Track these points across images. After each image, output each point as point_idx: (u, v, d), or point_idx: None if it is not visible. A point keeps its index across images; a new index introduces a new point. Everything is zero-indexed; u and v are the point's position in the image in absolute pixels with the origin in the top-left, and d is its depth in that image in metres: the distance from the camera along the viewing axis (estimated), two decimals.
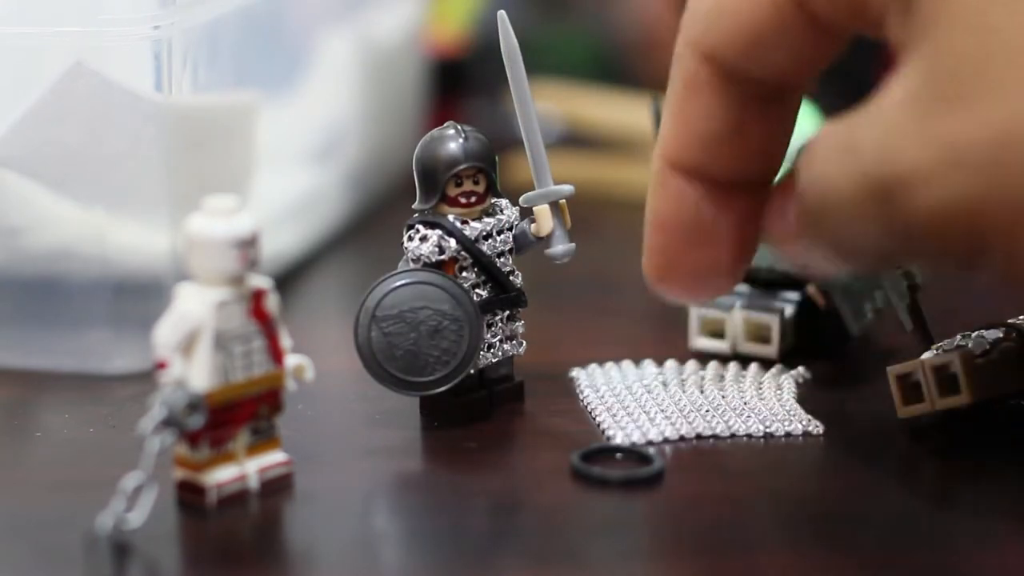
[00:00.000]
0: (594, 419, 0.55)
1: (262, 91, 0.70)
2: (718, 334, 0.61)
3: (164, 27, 0.59)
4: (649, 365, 0.59)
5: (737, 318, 0.60)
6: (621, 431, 0.53)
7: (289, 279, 0.71)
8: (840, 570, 0.46)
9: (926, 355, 0.53)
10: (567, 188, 0.55)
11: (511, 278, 0.56)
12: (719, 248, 0.50)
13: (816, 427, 0.54)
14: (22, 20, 0.59)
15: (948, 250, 0.44)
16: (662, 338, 0.58)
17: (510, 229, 0.56)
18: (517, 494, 0.51)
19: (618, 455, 0.52)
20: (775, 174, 0.51)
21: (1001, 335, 0.53)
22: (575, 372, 0.58)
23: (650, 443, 0.53)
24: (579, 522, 0.49)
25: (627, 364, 0.59)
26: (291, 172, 0.76)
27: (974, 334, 0.54)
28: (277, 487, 0.50)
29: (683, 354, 0.60)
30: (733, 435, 0.54)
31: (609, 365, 0.59)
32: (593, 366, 0.59)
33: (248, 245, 0.48)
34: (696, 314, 0.61)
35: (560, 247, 0.55)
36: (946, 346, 0.53)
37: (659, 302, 0.68)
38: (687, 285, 0.51)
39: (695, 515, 0.50)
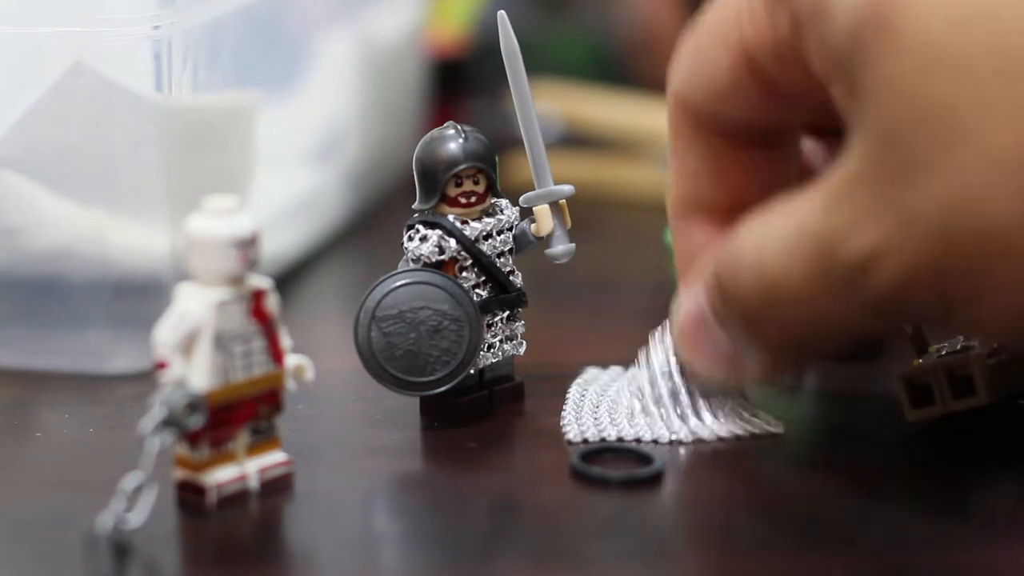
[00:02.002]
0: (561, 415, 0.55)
1: (262, 91, 0.70)
2: None
3: (164, 27, 0.59)
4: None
5: None
6: (574, 427, 0.54)
7: (289, 279, 0.71)
8: (841, 570, 0.46)
9: (925, 357, 0.53)
10: (567, 188, 0.55)
11: (511, 278, 0.56)
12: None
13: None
14: (22, 20, 0.59)
15: (915, 317, 0.46)
16: None
17: (510, 229, 0.56)
18: (517, 494, 0.51)
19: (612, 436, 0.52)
20: None
21: None
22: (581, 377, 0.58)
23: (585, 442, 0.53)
24: (579, 522, 0.49)
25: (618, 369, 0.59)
26: (291, 172, 0.76)
27: None
28: (277, 487, 0.50)
29: None
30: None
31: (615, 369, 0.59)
32: (595, 370, 0.59)
33: (248, 245, 0.48)
34: None
35: (560, 247, 0.55)
36: (948, 348, 0.53)
37: (659, 302, 0.68)
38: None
39: (695, 515, 0.50)
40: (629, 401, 0.55)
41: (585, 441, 0.53)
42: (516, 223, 0.56)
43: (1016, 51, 0.43)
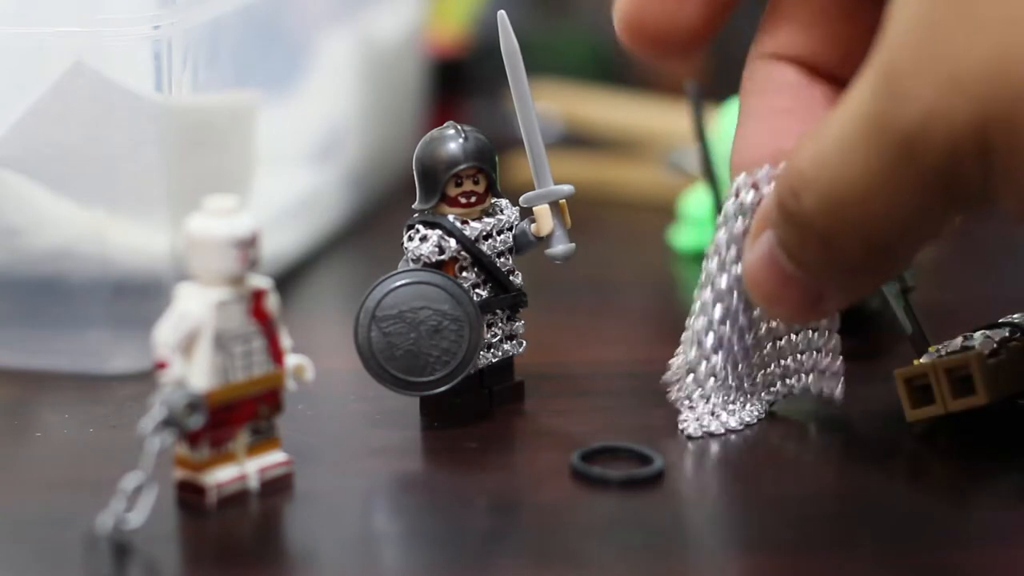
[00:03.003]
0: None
1: (262, 91, 0.70)
2: None
3: (164, 27, 0.59)
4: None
5: None
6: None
7: (289, 279, 0.71)
8: (842, 571, 0.46)
9: (926, 357, 0.53)
10: (567, 188, 0.55)
11: (511, 278, 0.56)
12: (686, 6, 0.50)
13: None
14: (22, 20, 0.59)
15: (966, 187, 0.43)
16: (662, 338, 0.58)
17: (510, 229, 0.56)
18: (517, 494, 0.51)
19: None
20: None
21: (1007, 334, 0.53)
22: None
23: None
24: (579, 522, 0.49)
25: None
26: (291, 172, 0.76)
27: (976, 334, 0.53)
28: (277, 487, 0.50)
29: None
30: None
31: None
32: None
33: (248, 245, 0.48)
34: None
35: (560, 247, 0.55)
36: (948, 348, 0.53)
37: (659, 302, 0.68)
38: (652, 37, 0.51)
39: (695, 515, 0.50)
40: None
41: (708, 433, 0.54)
42: (516, 223, 0.56)
43: None
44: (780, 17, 0.52)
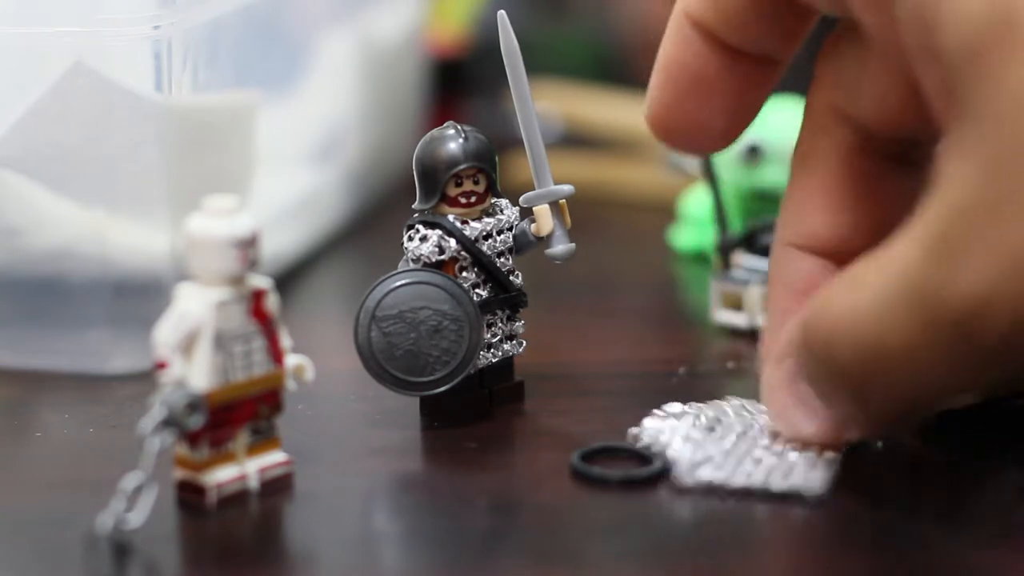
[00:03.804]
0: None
1: (262, 91, 0.70)
2: (738, 307, 0.64)
3: (164, 27, 0.59)
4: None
5: (754, 292, 0.63)
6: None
7: (289, 279, 0.71)
8: (841, 571, 0.46)
9: None
10: (567, 188, 0.55)
11: (511, 278, 0.56)
12: (716, 104, 0.51)
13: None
14: (22, 20, 0.59)
15: (1021, 360, 0.42)
16: (662, 338, 0.58)
17: (510, 229, 0.56)
18: (517, 494, 0.51)
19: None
20: (790, 52, 0.51)
21: None
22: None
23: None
24: (579, 522, 0.49)
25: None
26: (291, 172, 0.76)
27: None
28: (277, 487, 0.50)
29: (683, 353, 0.60)
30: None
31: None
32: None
33: (248, 245, 0.48)
34: (716, 288, 0.64)
35: (560, 247, 0.55)
36: None
37: (659, 302, 0.68)
38: (682, 133, 0.52)
39: (695, 515, 0.50)
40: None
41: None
42: (516, 223, 0.56)
43: None
44: (799, 204, 0.51)
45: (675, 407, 0.53)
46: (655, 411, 0.53)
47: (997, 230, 0.40)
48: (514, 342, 0.56)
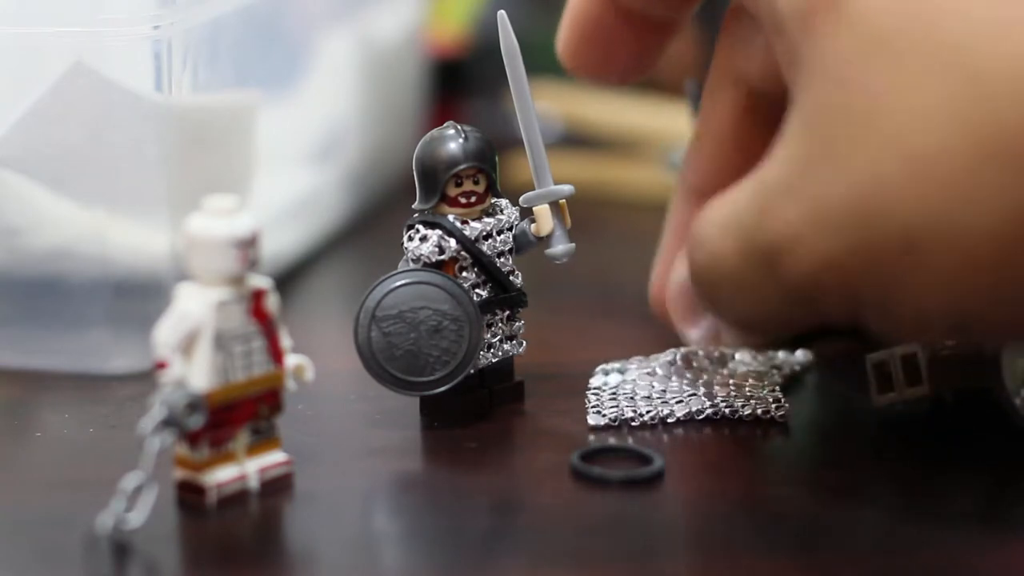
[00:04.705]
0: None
1: (262, 91, 0.70)
2: None
3: (164, 27, 0.59)
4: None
5: None
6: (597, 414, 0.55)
7: (289, 279, 0.71)
8: (841, 571, 0.46)
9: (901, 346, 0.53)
10: (567, 188, 0.55)
11: (511, 278, 0.56)
12: (614, 53, 0.57)
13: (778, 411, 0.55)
14: (22, 20, 0.59)
15: (830, 308, 0.45)
16: (662, 338, 0.58)
17: (510, 229, 0.56)
18: (517, 494, 0.51)
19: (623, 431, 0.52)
20: (684, 14, 0.57)
21: None
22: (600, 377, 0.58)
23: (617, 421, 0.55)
24: (579, 522, 0.49)
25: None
26: (291, 172, 0.76)
27: None
28: (277, 487, 0.50)
29: None
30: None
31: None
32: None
33: (248, 245, 0.48)
34: None
35: (560, 247, 0.55)
36: None
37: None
38: (585, 72, 0.59)
39: (695, 515, 0.50)
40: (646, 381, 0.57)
41: (610, 421, 0.54)
42: (516, 223, 0.56)
43: (942, 40, 0.42)
44: (696, 153, 0.56)
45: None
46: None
47: (805, 182, 0.44)
48: (514, 342, 0.56)
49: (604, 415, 0.55)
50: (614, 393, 0.56)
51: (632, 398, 0.56)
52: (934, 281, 0.43)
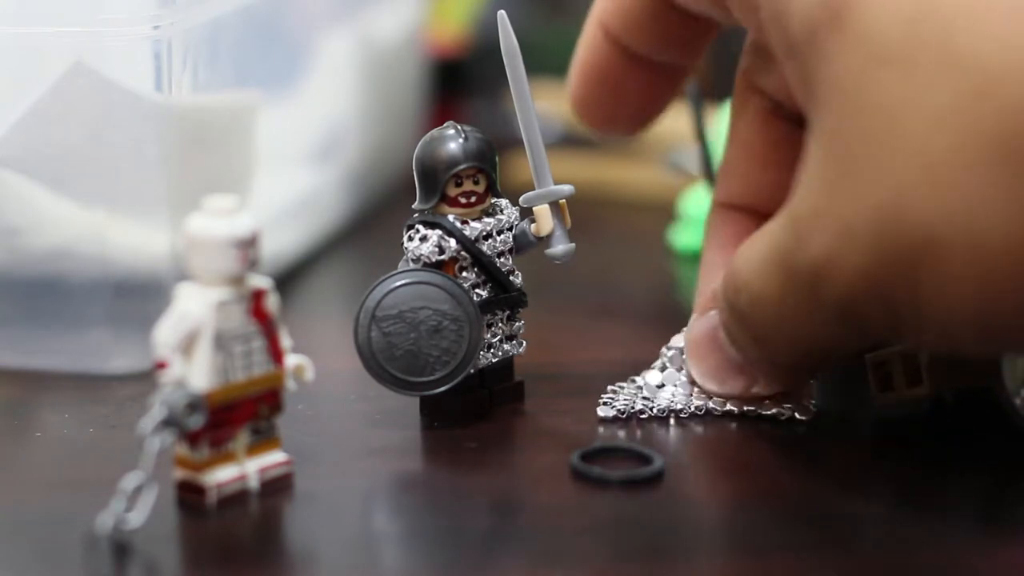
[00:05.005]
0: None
1: (262, 91, 0.70)
2: None
3: (164, 27, 0.59)
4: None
5: None
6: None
7: (289, 279, 0.71)
8: (841, 571, 0.46)
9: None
10: (567, 188, 0.55)
11: (511, 278, 0.56)
12: (623, 102, 0.58)
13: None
14: (22, 20, 0.59)
15: (872, 324, 0.46)
16: (662, 338, 0.58)
17: (510, 229, 0.56)
18: (517, 494, 0.51)
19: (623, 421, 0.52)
20: (692, 60, 0.57)
21: None
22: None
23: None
24: (579, 522, 0.49)
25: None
26: (291, 172, 0.76)
27: None
28: (277, 487, 0.50)
29: None
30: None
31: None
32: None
33: (248, 245, 0.48)
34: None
35: (560, 247, 0.55)
36: None
37: (659, 302, 0.68)
38: (594, 122, 0.59)
39: (695, 515, 0.50)
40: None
41: (618, 413, 0.55)
42: (516, 223, 0.56)
43: (950, 49, 0.43)
44: (728, 166, 0.56)
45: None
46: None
47: (832, 204, 0.45)
48: (514, 342, 0.56)
49: (614, 406, 0.55)
50: (637, 389, 0.56)
51: (648, 396, 0.56)
52: (959, 287, 0.43)
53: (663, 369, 0.56)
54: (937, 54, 0.43)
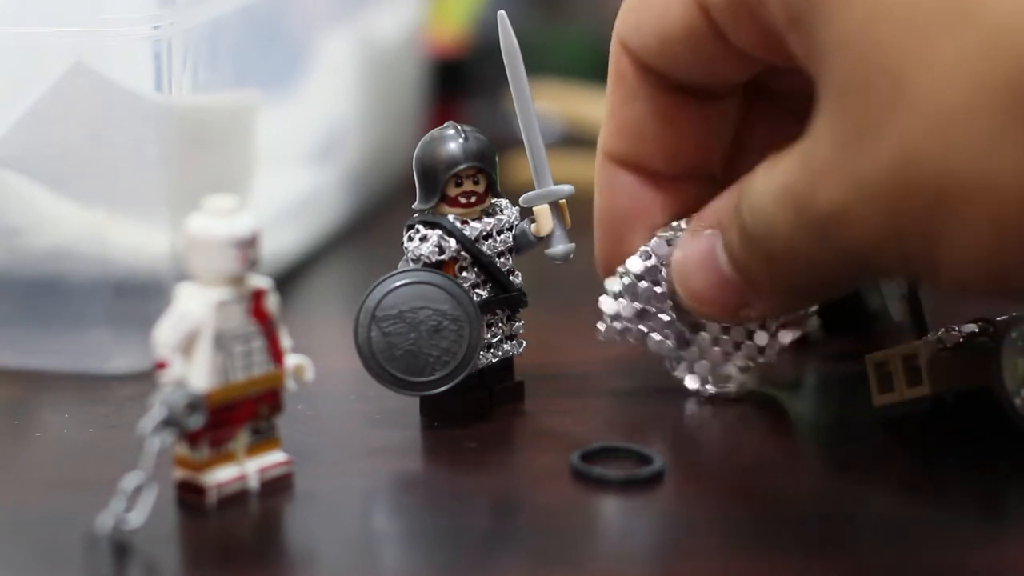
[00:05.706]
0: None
1: (262, 91, 0.70)
2: None
3: (164, 27, 0.59)
4: None
5: None
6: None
7: (289, 279, 0.71)
8: (840, 570, 0.46)
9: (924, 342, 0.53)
10: (567, 188, 0.55)
11: (511, 278, 0.56)
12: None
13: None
14: (22, 20, 0.59)
15: (885, 269, 0.48)
16: None
17: (510, 229, 0.56)
18: (517, 494, 0.51)
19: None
20: (712, 167, 0.55)
21: (976, 329, 0.53)
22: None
23: None
24: (579, 522, 0.49)
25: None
26: (291, 172, 0.76)
27: (958, 327, 0.54)
28: (277, 487, 0.50)
29: None
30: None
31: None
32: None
33: (248, 245, 0.48)
34: None
35: (560, 247, 0.55)
36: (930, 338, 0.54)
37: None
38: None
39: (694, 515, 0.50)
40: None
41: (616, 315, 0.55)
42: (516, 223, 0.56)
43: (959, 1, 0.43)
44: (611, 118, 0.55)
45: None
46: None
47: (845, 160, 0.45)
48: (514, 342, 0.56)
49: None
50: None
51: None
52: (974, 235, 0.43)
53: (647, 258, 0.56)
54: (942, 5, 0.43)
